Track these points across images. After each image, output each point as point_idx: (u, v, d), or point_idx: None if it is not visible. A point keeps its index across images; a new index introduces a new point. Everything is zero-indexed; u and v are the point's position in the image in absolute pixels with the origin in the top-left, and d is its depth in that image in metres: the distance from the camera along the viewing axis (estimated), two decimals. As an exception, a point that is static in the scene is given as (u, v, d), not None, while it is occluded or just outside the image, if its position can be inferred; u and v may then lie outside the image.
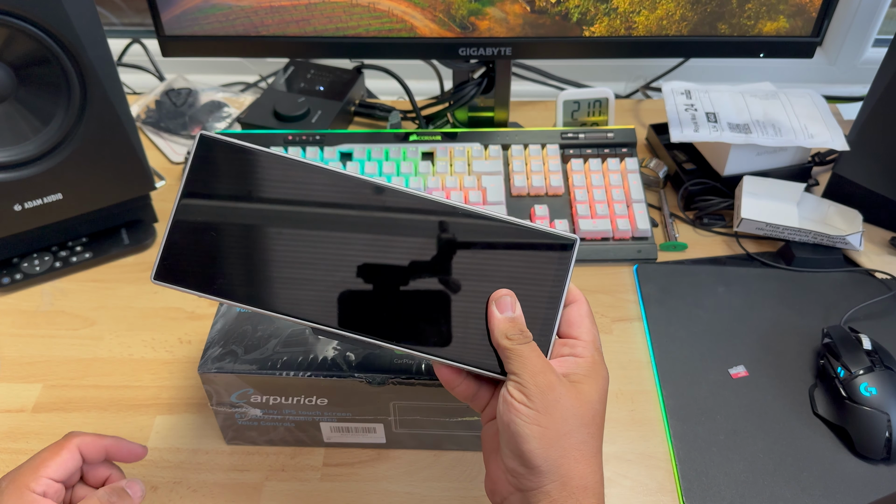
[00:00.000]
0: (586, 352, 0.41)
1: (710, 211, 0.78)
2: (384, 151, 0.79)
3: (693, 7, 0.71)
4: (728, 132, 0.76)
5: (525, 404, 0.38)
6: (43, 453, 0.44)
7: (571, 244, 0.42)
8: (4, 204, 0.65)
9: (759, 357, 0.65)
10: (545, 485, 0.38)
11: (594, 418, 0.40)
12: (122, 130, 0.67)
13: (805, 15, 0.71)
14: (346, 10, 0.72)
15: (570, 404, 0.39)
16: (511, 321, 0.41)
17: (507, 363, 0.40)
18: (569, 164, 0.79)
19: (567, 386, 0.39)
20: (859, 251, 0.73)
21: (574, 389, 0.40)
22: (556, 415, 0.38)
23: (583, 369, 0.41)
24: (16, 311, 0.70)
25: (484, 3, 0.71)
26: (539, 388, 0.39)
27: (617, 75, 1.04)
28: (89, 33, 0.61)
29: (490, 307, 0.42)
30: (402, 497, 0.56)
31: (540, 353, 0.40)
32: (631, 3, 0.71)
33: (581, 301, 0.44)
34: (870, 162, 0.75)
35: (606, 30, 0.72)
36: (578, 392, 0.40)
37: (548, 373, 0.39)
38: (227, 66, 1.03)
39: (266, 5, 0.72)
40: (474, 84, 0.83)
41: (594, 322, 0.43)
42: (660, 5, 0.71)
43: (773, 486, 0.56)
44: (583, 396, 0.40)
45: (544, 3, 0.71)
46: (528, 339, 0.40)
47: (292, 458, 0.58)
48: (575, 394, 0.39)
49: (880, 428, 0.56)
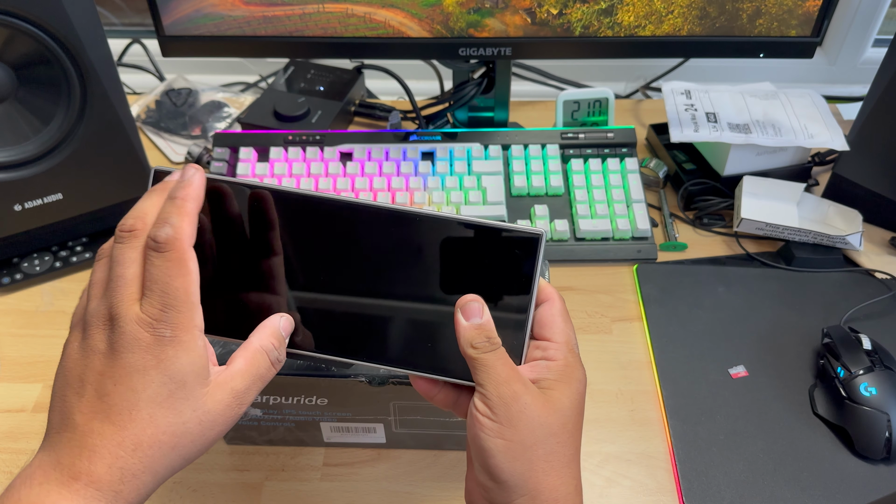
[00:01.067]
0: (559, 354, 0.39)
1: (709, 211, 0.78)
2: (384, 151, 0.79)
3: (701, 22, 0.70)
4: (728, 132, 0.76)
5: (489, 417, 0.37)
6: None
7: (537, 239, 0.39)
8: (4, 204, 0.65)
9: (759, 357, 0.65)
10: (514, 499, 0.36)
11: (564, 426, 0.37)
12: (123, 130, 0.67)
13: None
14: (342, 20, 0.72)
15: (537, 414, 0.37)
16: (477, 328, 0.38)
17: (473, 373, 0.38)
18: (569, 164, 0.79)
19: (534, 394, 0.37)
20: (859, 251, 0.73)
21: (542, 397, 0.37)
22: (521, 426, 0.36)
23: (554, 373, 0.38)
24: (16, 311, 0.70)
25: (483, 14, 0.71)
26: (503, 400, 0.36)
27: (617, 75, 1.04)
28: (89, 33, 0.61)
29: (456, 315, 0.39)
30: (402, 497, 0.56)
31: (507, 360, 0.38)
32: (636, 17, 0.70)
33: (553, 299, 0.41)
34: (870, 162, 0.75)
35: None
36: (547, 400, 0.37)
37: (513, 382, 0.37)
38: (228, 66, 1.03)
39: (259, 16, 0.72)
40: (474, 84, 0.83)
41: (568, 321, 0.41)
42: (666, 21, 0.70)
43: (773, 486, 0.56)
44: (552, 404, 0.37)
45: (545, 14, 0.70)
46: (495, 347, 0.38)
47: (292, 458, 0.58)
48: (543, 402, 0.37)
49: (880, 428, 0.56)
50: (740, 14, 0.70)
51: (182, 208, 0.36)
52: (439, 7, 0.71)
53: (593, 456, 0.58)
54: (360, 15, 0.72)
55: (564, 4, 0.70)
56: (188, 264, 0.35)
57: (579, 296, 0.71)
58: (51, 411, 0.35)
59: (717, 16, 0.70)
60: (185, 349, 0.34)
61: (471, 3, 0.71)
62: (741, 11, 0.69)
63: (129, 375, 0.33)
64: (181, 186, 0.37)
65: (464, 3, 0.71)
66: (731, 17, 0.70)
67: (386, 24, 0.72)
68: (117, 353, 0.34)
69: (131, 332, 0.34)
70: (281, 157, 0.79)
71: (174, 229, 0.35)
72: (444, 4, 0.71)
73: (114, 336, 0.34)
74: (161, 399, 0.34)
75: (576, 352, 0.40)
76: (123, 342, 0.34)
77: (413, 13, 0.72)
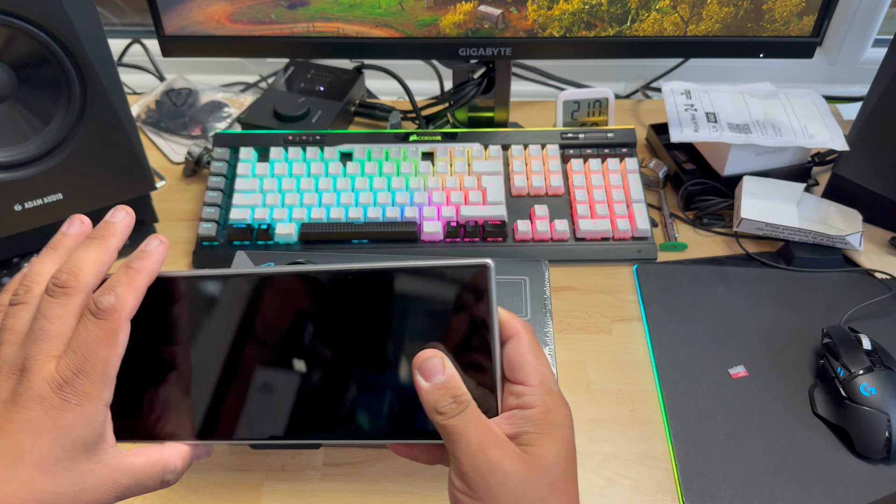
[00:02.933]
0: (535, 399, 0.35)
1: (709, 211, 0.78)
2: (384, 151, 0.79)
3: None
4: (728, 132, 0.76)
5: (467, 494, 0.33)
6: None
7: (485, 270, 0.34)
8: (5, 204, 0.65)
9: (758, 357, 0.65)
10: None
11: (553, 485, 0.33)
12: (123, 130, 0.67)
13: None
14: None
15: (520, 482, 0.33)
16: (441, 388, 0.34)
17: (445, 441, 0.34)
18: (569, 165, 0.79)
19: (514, 458, 0.33)
20: (859, 251, 0.73)
21: (523, 460, 0.33)
22: (504, 499, 0.33)
23: (534, 425, 0.34)
24: (16, 311, 0.70)
25: (481, 34, 0.70)
26: (479, 473, 0.33)
27: (617, 75, 1.04)
28: (90, 33, 0.61)
29: (415, 376, 0.34)
30: (402, 497, 0.56)
31: (479, 421, 0.34)
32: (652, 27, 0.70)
33: (519, 334, 0.36)
34: (869, 162, 0.75)
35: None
36: (530, 461, 0.33)
37: (487, 449, 0.33)
38: (228, 66, 1.03)
39: (245, 34, 0.72)
40: (474, 84, 0.83)
41: (540, 355, 0.36)
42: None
43: (773, 486, 0.56)
44: (536, 464, 0.33)
45: (548, 35, 0.70)
46: (463, 407, 0.34)
47: (292, 458, 0.58)
48: (524, 465, 0.33)
49: (880, 428, 0.56)
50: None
51: (133, 280, 0.34)
52: (435, 27, 0.70)
53: (593, 456, 0.58)
54: (351, 34, 0.71)
55: (568, 29, 0.69)
56: (118, 338, 0.34)
57: (579, 296, 0.71)
58: None
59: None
60: (84, 420, 0.33)
61: (468, 24, 0.70)
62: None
63: (21, 433, 0.32)
64: (139, 257, 0.35)
65: (461, 25, 0.70)
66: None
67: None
68: (17, 407, 0.33)
69: (38, 389, 0.32)
70: (281, 158, 0.79)
71: (118, 301, 0.34)
72: (441, 25, 0.70)
73: (20, 388, 0.33)
74: (45, 465, 0.32)
75: (555, 390, 0.36)
76: (27, 397, 0.32)
77: (407, 33, 0.71)
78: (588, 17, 0.69)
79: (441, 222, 0.73)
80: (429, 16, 0.69)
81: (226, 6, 0.70)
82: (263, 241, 0.73)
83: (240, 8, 0.70)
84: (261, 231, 0.73)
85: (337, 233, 0.73)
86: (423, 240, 0.73)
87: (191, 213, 0.80)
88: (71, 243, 0.37)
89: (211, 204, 0.75)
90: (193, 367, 0.38)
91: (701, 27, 0.71)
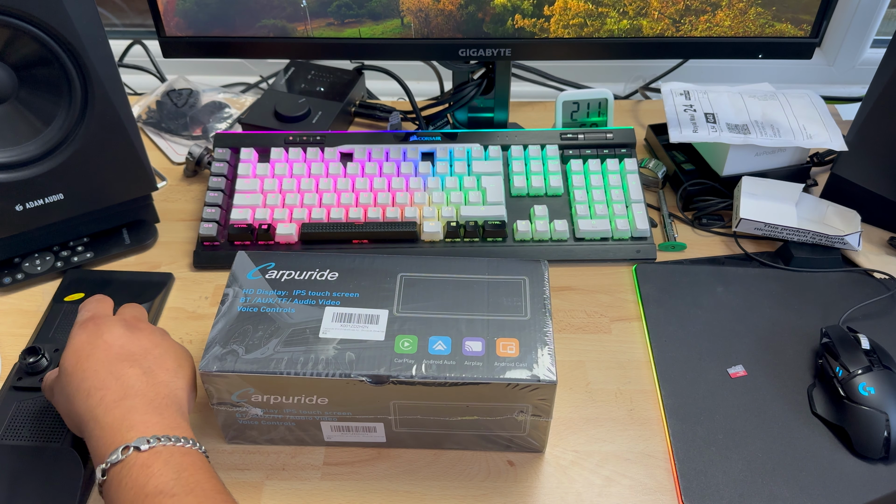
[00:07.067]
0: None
1: (708, 211, 0.78)
2: (384, 152, 0.79)
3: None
4: (727, 133, 0.76)
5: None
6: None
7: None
8: (6, 204, 0.65)
9: (757, 357, 0.65)
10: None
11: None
12: (124, 131, 0.67)
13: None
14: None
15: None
16: None
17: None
18: (568, 165, 0.79)
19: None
20: (858, 251, 0.73)
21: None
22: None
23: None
24: (17, 311, 0.70)
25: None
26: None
27: (616, 76, 1.04)
28: (90, 34, 0.61)
29: None
30: (402, 496, 0.56)
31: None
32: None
33: None
34: (868, 162, 0.75)
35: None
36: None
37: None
38: (228, 67, 1.03)
39: (245, 35, 0.72)
40: (474, 85, 0.83)
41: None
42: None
43: (772, 486, 0.56)
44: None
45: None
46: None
47: (293, 458, 0.58)
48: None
49: (879, 427, 0.57)
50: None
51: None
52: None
53: (593, 455, 0.58)
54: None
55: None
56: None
57: (578, 296, 0.71)
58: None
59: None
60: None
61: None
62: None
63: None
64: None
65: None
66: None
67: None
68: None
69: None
70: (281, 158, 0.79)
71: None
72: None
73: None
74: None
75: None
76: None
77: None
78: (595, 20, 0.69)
79: (441, 222, 0.74)
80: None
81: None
82: (264, 241, 0.73)
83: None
84: (261, 231, 0.73)
85: (337, 233, 0.73)
86: (423, 240, 0.73)
87: (192, 213, 0.80)
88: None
89: (212, 204, 0.75)
90: None
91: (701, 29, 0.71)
